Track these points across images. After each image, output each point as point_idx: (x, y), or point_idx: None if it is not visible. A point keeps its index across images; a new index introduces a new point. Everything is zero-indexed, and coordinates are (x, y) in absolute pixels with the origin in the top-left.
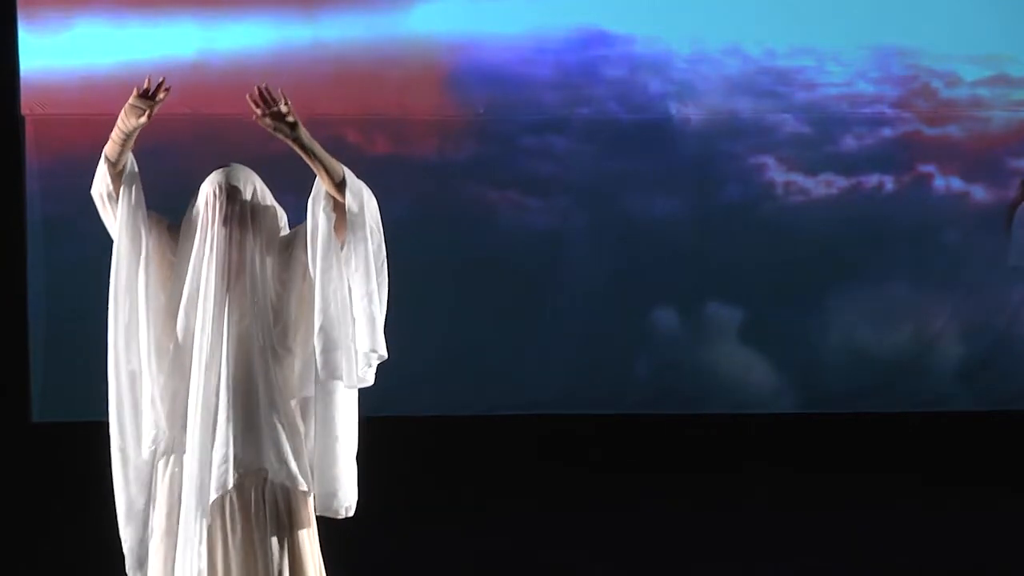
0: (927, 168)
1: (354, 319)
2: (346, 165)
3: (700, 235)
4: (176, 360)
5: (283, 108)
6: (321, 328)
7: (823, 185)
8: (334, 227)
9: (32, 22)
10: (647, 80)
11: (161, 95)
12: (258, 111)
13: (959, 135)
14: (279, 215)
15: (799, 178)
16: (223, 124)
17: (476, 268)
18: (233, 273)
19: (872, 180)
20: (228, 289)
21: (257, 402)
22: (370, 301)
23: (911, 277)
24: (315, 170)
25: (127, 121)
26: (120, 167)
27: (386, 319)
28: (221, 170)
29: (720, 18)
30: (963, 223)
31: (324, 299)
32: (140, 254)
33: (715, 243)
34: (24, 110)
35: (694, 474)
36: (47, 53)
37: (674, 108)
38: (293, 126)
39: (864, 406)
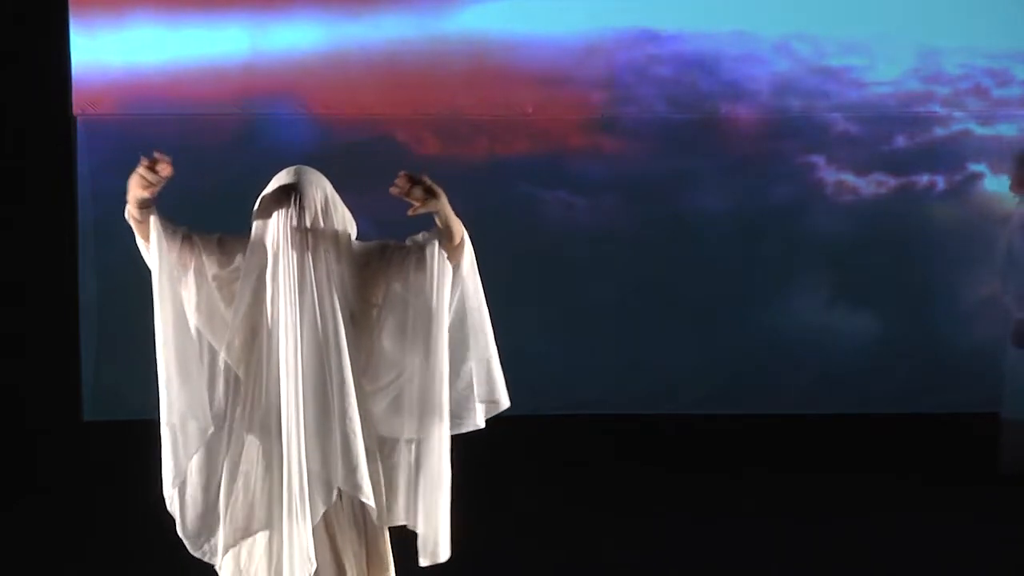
0: (978, 168)
1: (472, 366)
2: (397, 166)
3: (749, 235)
4: (251, 366)
5: (428, 181)
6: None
7: (873, 185)
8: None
9: (84, 23)
10: (696, 79)
11: (165, 173)
12: (412, 194)
13: (1011, 134)
14: (349, 221)
15: (849, 178)
16: (273, 124)
17: (525, 267)
18: (306, 282)
19: (923, 180)
20: (301, 297)
21: (331, 424)
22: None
23: (962, 278)
24: (443, 230)
25: (133, 191)
26: (146, 225)
27: None
28: (290, 173)
29: (769, 16)
30: (1014, 223)
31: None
32: (179, 298)
33: (764, 243)
34: (76, 111)
35: (750, 474)
36: (98, 54)
37: (723, 107)
38: (438, 197)
39: (919, 407)
